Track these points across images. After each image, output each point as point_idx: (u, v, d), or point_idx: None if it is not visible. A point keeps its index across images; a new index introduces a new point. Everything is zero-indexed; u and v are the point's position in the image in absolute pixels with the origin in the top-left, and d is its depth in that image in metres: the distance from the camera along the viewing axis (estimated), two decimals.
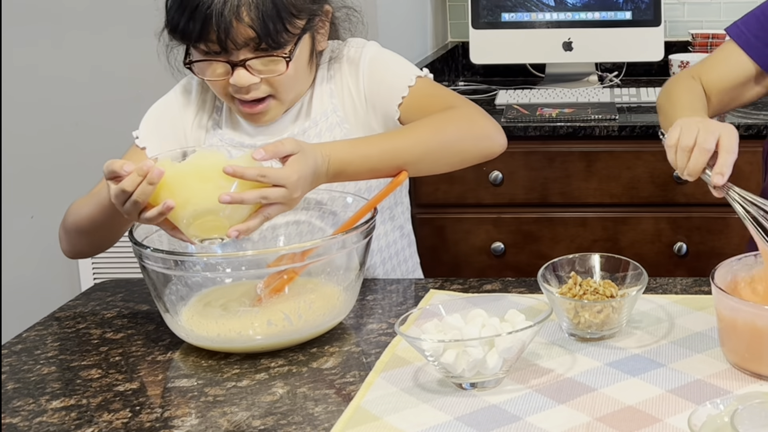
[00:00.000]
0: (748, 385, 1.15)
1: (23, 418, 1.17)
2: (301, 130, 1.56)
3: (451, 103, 1.54)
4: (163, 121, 1.59)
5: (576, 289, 1.28)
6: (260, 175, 1.27)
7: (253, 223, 1.29)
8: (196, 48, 1.47)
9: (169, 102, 1.62)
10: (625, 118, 2.51)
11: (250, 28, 1.41)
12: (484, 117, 1.52)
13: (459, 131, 1.48)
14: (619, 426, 1.07)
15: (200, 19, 1.41)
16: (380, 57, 1.58)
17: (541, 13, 2.84)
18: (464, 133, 1.49)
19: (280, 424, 1.13)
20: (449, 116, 1.49)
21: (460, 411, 1.12)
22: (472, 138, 1.49)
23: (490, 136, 1.51)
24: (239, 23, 1.41)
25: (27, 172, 2.68)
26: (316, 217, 1.52)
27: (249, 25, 1.41)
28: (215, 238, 1.30)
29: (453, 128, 1.48)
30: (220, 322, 1.29)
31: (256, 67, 1.45)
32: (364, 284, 1.49)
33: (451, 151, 1.48)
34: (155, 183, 1.25)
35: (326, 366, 1.27)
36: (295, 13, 1.45)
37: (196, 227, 1.27)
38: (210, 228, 1.28)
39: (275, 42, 1.43)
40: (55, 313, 1.50)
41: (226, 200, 1.25)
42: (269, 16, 1.41)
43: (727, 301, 1.16)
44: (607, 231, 2.52)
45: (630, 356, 1.23)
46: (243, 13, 1.40)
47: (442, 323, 1.21)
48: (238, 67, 1.45)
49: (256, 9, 1.41)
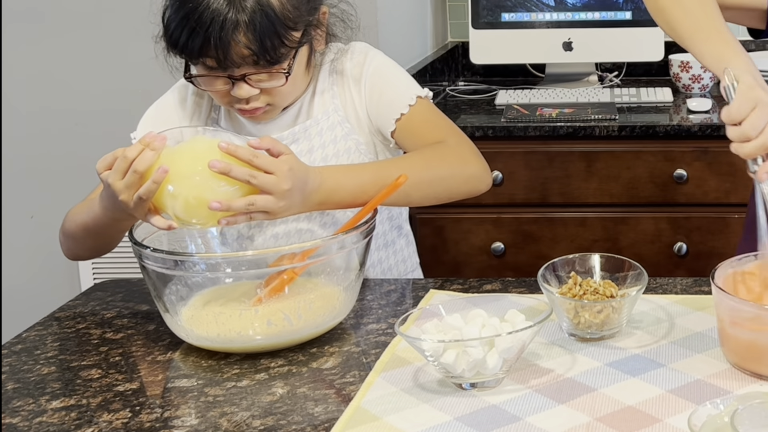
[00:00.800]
0: (748, 385, 1.15)
1: (23, 418, 1.17)
2: (302, 128, 1.56)
3: (446, 135, 1.56)
4: (161, 122, 1.59)
5: (576, 289, 1.28)
6: (252, 155, 1.30)
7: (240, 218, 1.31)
8: (195, 63, 1.47)
9: (166, 103, 1.62)
10: (625, 118, 2.51)
11: (247, 48, 1.41)
12: (475, 157, 1.55)
13: (450, 169, 1.52)
14: (619, 426, 1.07)
15: (199, 39, 1.41)
16: (384, 70, 1.59)
17: (541, 13, 2.84)
18: (455, 171, 1.52)
19: (280, 424, 1.13)
20: (442, 153, 1.52)
21: (460, 411, 1.12)
22: (461, 177, 1.53)
23: (478, 176, 1.55)
24: (236, 44, 1.41)
25: (27, 172, 2.68)
26: (318, 225, 1.53)
27: (246, 45, 1.41)
28: (194, 224, 1.31)
29: (445, 165, 1.51)
30: (220, 322, 1.29)
31: (256, 80, 1.46)
32: (364, 284, 1.49)
33: (440, 187, 1.51)
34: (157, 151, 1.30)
35: (326, 366, 1.27)
36: (292, 25, 1.45)
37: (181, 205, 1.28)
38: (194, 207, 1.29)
39: (273, 58, 1.44)
40: (55, 313, 1.50)
41: (216, 207, 1.27)
42: (266, 33, 1.41)
43: (727, 301, 1.16)
44: (607, 231, 2.51)
45: (630, 356, 1.23)
46: (240, 33, 1.40)
47: (442, 323, 1.21)
48: (238, 81, 1.45)
49: (252, 28, 1.41)
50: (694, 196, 2.47)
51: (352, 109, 1.58)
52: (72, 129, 2.65)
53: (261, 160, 1.31)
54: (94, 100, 2.62)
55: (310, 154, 1.55)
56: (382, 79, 1.58)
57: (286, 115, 1.57)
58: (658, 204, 2.49)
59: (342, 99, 1.58)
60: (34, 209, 2.68)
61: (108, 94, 2.61)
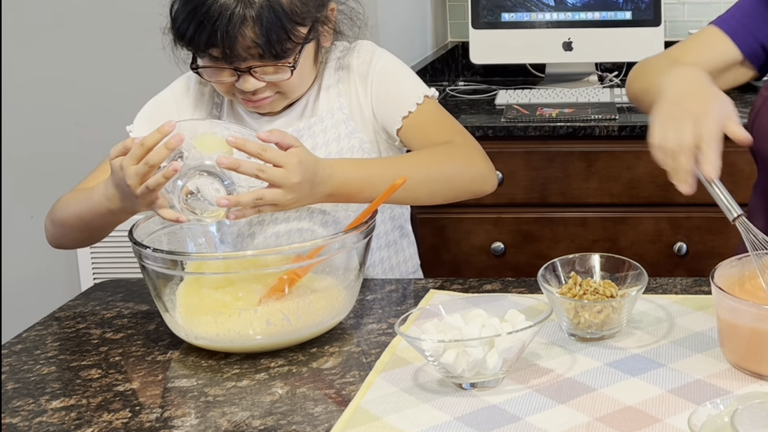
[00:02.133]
0: (748, 385, 1.15)
1: (23, 418, 1.17)
2: (307, 125, 1.57)
3: (453, 136, 1.57)
4: (158, 116, 1.60)
5: (576, 289, 1.28)
6: (261, 149, 1.31)
7: (248, 212, 1.33)
8: (201, 55, 1.48)
9: (165, 99, 1.63)
10: (625, 118, 2.51)
11: (254, 42, 1.43)
12: (481, 158, 1.57)
13: (458, 168, 1.53)
14: (619, 426, 1.07)
15: (206, 33, 1.42)
16: (391, 68, 1.60)
17: (541, 13, 2.84)
18: (462, 171, 1.53)
19: (280, 424, 1.13)
20: (451, 152, 1.54)
21: (460, 411, 1.12)
22: (468, 177, 1.54)
23: (485, 177, 1.56)
24: (243, 38, 1.42)
25: (27, 172, 2.69)
26: (319, 224, 1.53)
27: (253, 40, 1.42)
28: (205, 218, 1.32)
29: (453, 165, 1.52)
30: (219, 322, 1.28)
31: (262, 73, 1.47)
32: (365, 284, 1.49)
33: (446, 185, 1.52)
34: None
35: (326, 366, 1.27)
36: (299, 21, 1.46)
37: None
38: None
39: (279, 53, 1.45)
40: (55, 313, 1.50)
41: (224, 204, 1.29)
42: (273, 28, 1.42)
43: (727, 301, 1.16)
44: (607, 231, 2.51)
45: (630, 356, 1.23)
46: (247, 27, 1.42)
47: (442, 323, 1.21)
48: (244, 74, 1.47)
49: (260, 23, 1.42)
50: (694, 196, 2.42)
51: (357, 107, 1.58)
52: (72, 129, 2.65)
53: (270, 154, 1.32)
54: (94, 99, 2.62)
55: (314, 152, 1.55)
56: (389, 77, 1.58)
57: (292, 111, 1.58)
58: (658, 204, 2.49)
59: (347, 97, 1.58)
60: (34, 209, 2.68)
61: (108, 93, 2.61)
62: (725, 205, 1.24)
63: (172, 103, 1.62)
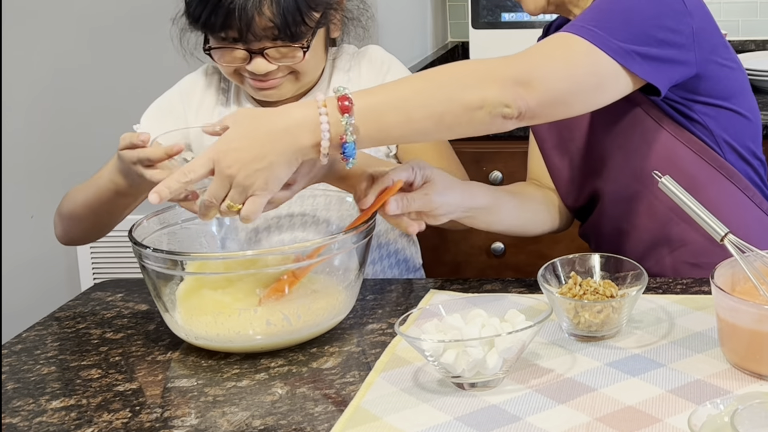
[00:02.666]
0: (748, 385, 1.15)
1: (23, 418, 1.17)
2: None
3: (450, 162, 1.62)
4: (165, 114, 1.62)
5: (576, 289, 1.28)
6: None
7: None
8: (215, 36, 1.51)
9: (171, 97, 1.65)
10: None
11: (271, 21, 1.46)
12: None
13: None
14: (619, 426, 1.07)
15: (223, 13, 1.46)
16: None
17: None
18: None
19: (280, 424, 1.13)
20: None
21: (460, 411, 1.12)
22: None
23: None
24: (260, 17, 1.46)
25: (27, 172, 2.68)
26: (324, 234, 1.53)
27: (269, 19, 1.46)
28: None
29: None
30: (219, 322, 1.28)
31: (274, 55, 1.50)
32: (365, 284, 1.49)
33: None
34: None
35: (326, 366, 1.27)
36: (313, 6, 1.50)
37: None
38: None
39: (294, 34, 1.48)
40: (54, 313, 1.50)
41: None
42: (289, 10, 1.46)
43: (727, 301, 1.16)
44: None
45: (630, 356, 1.23)
46: (264, 7, 1.45)
47: (442, 323, 1.21)
48: (256, 55, 1.50)
49: (277, 3, 1.46)
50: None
51: None
52: (72, 129, 2.65)
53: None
54: (96, 100, 2.62)
55: None
56: None
57: None
58: None
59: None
60: (34, 209, 2.68)
61: (109, 94, 2.61)
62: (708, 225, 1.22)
63: (179, 101, 1.64)
